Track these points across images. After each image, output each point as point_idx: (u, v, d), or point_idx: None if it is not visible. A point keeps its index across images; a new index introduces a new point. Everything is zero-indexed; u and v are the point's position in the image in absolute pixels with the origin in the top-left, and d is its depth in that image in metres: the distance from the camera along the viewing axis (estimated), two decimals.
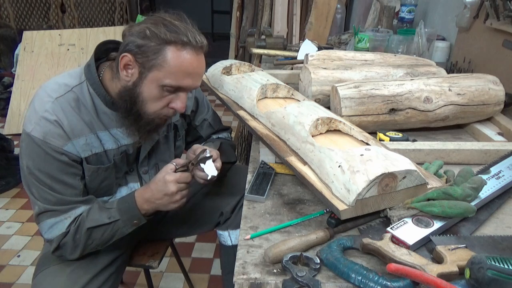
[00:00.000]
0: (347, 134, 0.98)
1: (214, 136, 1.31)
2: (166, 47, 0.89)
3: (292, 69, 1.74)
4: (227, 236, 1.28)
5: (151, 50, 0.88)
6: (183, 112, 1.18)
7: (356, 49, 1.84)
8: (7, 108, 3.33)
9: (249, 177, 0.96)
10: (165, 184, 0.93)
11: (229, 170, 1.28)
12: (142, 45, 0.89)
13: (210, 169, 1.00)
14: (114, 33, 3.43)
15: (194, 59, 0.92)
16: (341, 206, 0.72)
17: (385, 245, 0.67)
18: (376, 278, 0.62)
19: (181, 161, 0.98)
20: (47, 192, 0.93)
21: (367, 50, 1.81)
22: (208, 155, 1.00)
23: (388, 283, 0.61)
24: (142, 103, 0.94)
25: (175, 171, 0.95)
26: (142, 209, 0.97)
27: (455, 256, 0.65)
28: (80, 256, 1.01)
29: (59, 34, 3.48)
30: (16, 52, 3.58)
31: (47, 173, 0.92)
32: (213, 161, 1.02)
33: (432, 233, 0.72)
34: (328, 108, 1.12)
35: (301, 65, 1.64)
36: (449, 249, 0.67)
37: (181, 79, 0.92)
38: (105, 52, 1.02)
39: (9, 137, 2.74)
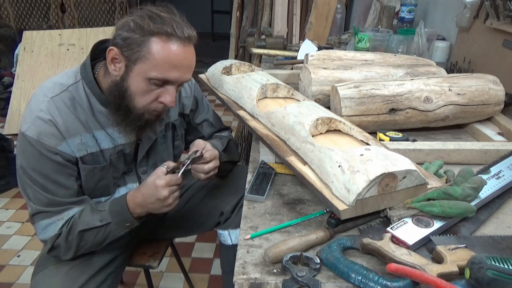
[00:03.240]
0: (347, 134, 0.97)
1: (217, 134, 1.31)
2: (150, 39, 0.87)
3: (292, 69, 1.74)
4: (227, 236, 1.28)
5: (135, 42, 0.87)
6: (182, 111, 1.19)
7: (356, 49, 1.84)
8: (7, 108, 3.33)
9: (249, 177, 0.96)
10: (156, 189, 0.92)
11: (231, 170, 1.28)
12: (127, 37, 0.88)
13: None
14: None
15: (180, 50, 0.89)
16: (341, 206, 0.72)
17: (385, 245, 0.67)
18: (376, 278, 0.62)
19: (171, 163, 0.97)
20: (40, 193, 0.93)
21: (367, 50, 1.81)
22: (198, 155, 0.99)
23: (388, 283, 0.61)
24: (130, 97, 0.92)
25: (166, 173, 0.94)
26: (134, 213, 0.96)
27: (455, 256, 0.65)
28: (74, 257, 1.00)
29: (59, 34, 3.48)
30: (16, 52, 3.58)
31: (41, 173, 0.92)
32: (209, 161, 1.02)
33: (432, 233, 0.72)
34: (328, 108, 1.12)
35: (301, 65, 1.64)
36: (449, 249, 0.66)
37: (167, 71, 0.90)
38: (101, 52, 1.02)
39: (9, 137, 2.74)
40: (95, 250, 1.03)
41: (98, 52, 1.01)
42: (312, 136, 0.90)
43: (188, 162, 0.98)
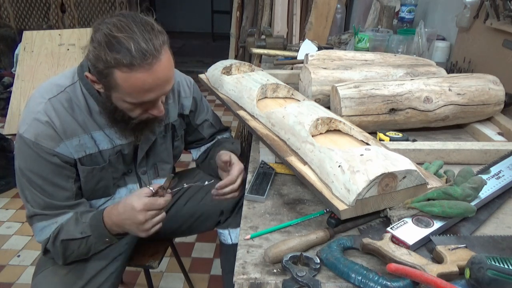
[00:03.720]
0: (347, 134, 0.97)
1: (219, 137, 1.31)
2: (112, 71, 0.82)
3: (292, 69, 1.74)
4: (227, 235, 1.28)
5: (101, 74, 0.84)
6: (182, 112, 1.19)
7: (356, 49, 1.84)
8: (7, 108, 3.33)
9: (249, 177, 0.96)
10: (132, 211, 0.88)
11: None
12: (94, 66, 0.85)
13: None
14: None
15: (146, 76, 0.83)
16: (341, 206, 0.72)
17: (385, 245, 0.67)
18: (376, 278, 0.62)
19: (157, 186, 0.91)
20: (38, 195, 0.93)
21: (367, 50, 1.81)
22: (209, 183, 0.99)
23: (388, 283, 0.61)
24: (122, 111, 0.92)
25: (152, 195, 0.89)
26: (112, 230, 0.94)
27: (455, 256, 0.65)
28: (65, 263, 0.99)
29: (59, 34, 3.48)
30: (16, 52, 3.58)
31: (39, 175, 0.92)
32: (236, 179, 1.04)
33: (432, 233, 0.72)
34: (328, 108, 1.12)
35: (301, 65, 1.64)
36: (449, 249, 0.67)
37: (141, 96, 0.87)
38: None
39: (9, 137, 2.74)
40: (85, 258, 1.02)
41: (87, 62, 1.01)
42: (312, 136, 0.90)
43: (188, 186, 0.97)
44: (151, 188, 0.91)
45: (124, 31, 0.81)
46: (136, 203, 0.88)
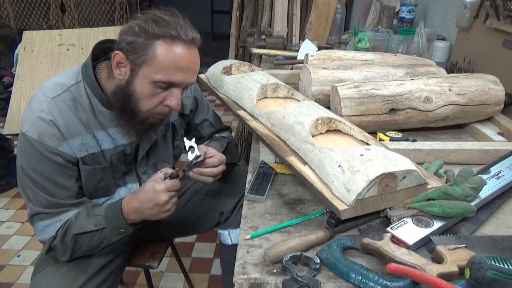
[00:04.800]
0: (347, 134, 0.97)
1: (217, 135, 1.31)
2: (155, 42, 0.87)
3: (292, 69, 1.74)
4: (227, 235, 1.28)
5: (140, 46, 0.88)
6: (182, 112, 1.19)
7: (356, 49, 1.84)
8: (7, 108, 3.33)
9: (249, 177, 0.96)
10: (155, 193, 0.91)
11: (231, 171, 1.28)
12: (132, 41, 0.88)
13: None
14: (114, 33, 3.39)
15: (184, 53, 0.89)
16: (341, 206, 0.72)
17: (385, 245, 0.67)
18: (376, 278, 0.62)
19: (169, 170, 0.96)
20: (40, 194, 0.93)
21: (367, 50, 1.81)
22: (200, 160, 0.99)
23: (388, 283, 0.61)
24: (136, 101, 0.93)
25: (164, 179, 0.94)
26: (129, 219, 0.96)
27: (455, 256, 0.65)
28: (71, 259, 1.00)
29: (59, 34, 3.48)
30: (16, 52, 3.58)
31: (41, 173, 0.92)
32: (218, 165, 1.02)
33: (432, 233, 0.72)
34: (328, 108, 1.12)
35: (301, 65, 1.64)
36: (449, 249, 0.67)
37: (172, 74, 0.90)
38: (103, 52, 1.02)
39: (9, 137, 2.74)
40: (91, 253, 1.03)
41: (99, 52, 1.01)
42: (312, 136, 0.90)
43: (188, 168, 0.97)
44: (163, 173, 0.95)
45: (172, 16, 0.91)
46: (158, 186, 0.91)
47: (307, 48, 1.78)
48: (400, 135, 1.07)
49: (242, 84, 1.18)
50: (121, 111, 0.95)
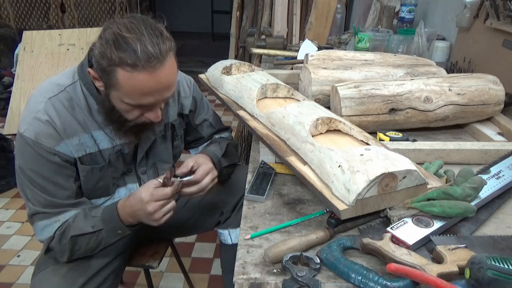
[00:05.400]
0: (347, 134, 0.97)
1: (216, 136, 1.31)
2: (115, 69, 0.82)
3: (292, 69, 1.74)
4: (227, 235, 1.28)
5: (104, 71, 0.84)
6: (181, 112, 1.19)
7: (356, 49, 1.84)
8: (7, 108, 3.33)
9: (249, 177, 0.96)
10: (141, 203, 0.91)
11: (232, 172, 1.28)
12: (98, 62, 0.85)
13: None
14: None
15: (148, 78, 0.83)
16: (341, 206, 0.72)
17: (385, 245, 0.67)
18: (376, 278, 0.62)
19: (169, 173, 0.94)
20: (39, 194, 0.93)
21: (367, 50, 1.81)
22: (186, 180, 0.99)
23: (388, 283, 0.61)
24: (119, 112, 0.92)
25: (161, 186, 0.92)
26: (126, 221, 0.96)
27: (455, 256, 0.65)
28: (69, 260, 1.00)
29: (59, 34, 3.48)
30: (16, 52, 3.58)
31: (39, 173, 0.92)
32: (203, 179, 1.01)
33: (432, 233, 0.72)
34: (328, 108, 1.12)
35: (301, 65, 1.64)
36: (449, 249, 0.67)
37: (140, 99, 0.86)
38: None
39: (9, 137, 2.74)
40: (91, 254, 1.03)
41: (91, 58, 1.01)
42: (312, 136, 0.90)
43: (179, 182, 0.96)
44: (159, 179, 0.93)
45: (133, 32, 0.82)
46: (143, 195, 0.91)
47: (307, 48, 1.78)
48: (400, 135, 1.07)
49: (242, 84, 1.18)
50: (110, 121, 0.95)
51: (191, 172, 1.01)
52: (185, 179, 0.99)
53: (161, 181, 0.93)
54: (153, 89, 0.86)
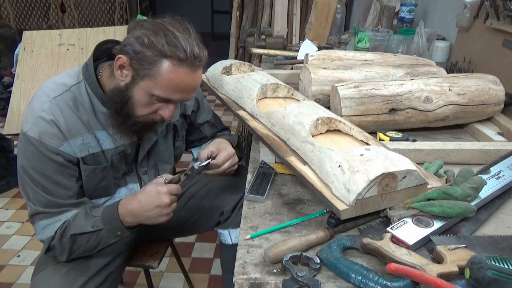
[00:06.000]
0: (347, 134, 0.98)
1: (219, 134, 1.31)
2: (162, 60, 0.86)
3: (292, 69, 1.74)
4: (227, 235, 1.28)
5: (146, 60, 0.87)
6: (184, 112, 1.19)
7: (356, 49, 1.84)
8: (7, 108, 3.33)
9: (249, 177, 0.96)
10: (157, 195, 0.92)
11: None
12: (139, 51, 0.87)
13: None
14: (114, 33, 3.43)
15: (188, 76, 0.89)
16: (341, 206, 0.72)
17: (385, 245, 0.67)
18: (376, 278, 0.62)
19: (169, 176, 0.97)
20: (40, 194, 0.93)
21: (367, 50, 1.81)
22: (203, 164, 1.02)
23: (388, 283, 0.61)
24: (132, 106, 0.93)
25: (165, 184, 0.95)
26: (125, 222, 0.96)
27: (455, 256, 0.65)
28: (68, 259, 1.00)
29: (59, 34, 3.48)
30: (16, 52, 3.58)
31: (41, 173, 0.92)
32: (221, 165, 1.05)
33: (432, 233, 0.72)
34: (328, 108, 1.12)
35: (301, 65, 1.64)
36: (449, 249, 0.67)
37: (172, 93, 0.90)
38: (104, 52, 1.02)
39: (9, 137, 2.74)
40: (90, 254, 1.03)
41: (101, 52, 1.01)
42: (312, 136, 0.90)
43: (190, 172, 1.00)
44: (163, 177, 0.95)
45: (183, 32, 0.89)
46: (160, 188, 0.93)
47: (307, 48, 1.78)
48: (400, 135, 1.07)
49: (242, 84, 1.18)
50: (116, 112, 0.95)
51: (212, 158, 1.05)
52: (204, 163, 1.02)
53: (165, 179, 0.95)
54: (187, 87, 0.92)
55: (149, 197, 0.93)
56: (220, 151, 1.06)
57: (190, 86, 0.92)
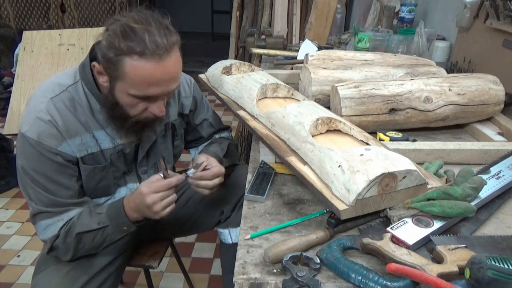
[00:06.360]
0: (347, 134, 0.97)
1: (216, 136, 1.31)
2: (122, 59, 0.83)
3: (292, 69, 1.74)
4: (227, 234, 1.28)
5: (111, 62, 0.85)
6: (182, 112, 1.19)
7: (356, 49, 1.84)
8: (7, 108, 3.33)
9: (249, 177, 0.96)
10: (141, 195, 0.92)
11: (232, 171, 1.28)
12: (104, 55, 0.85)
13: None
14: None
15: (155, 67, 0.84)
16: (341, 206, 0.72)
17: (385, 245, 0.67)
18: (376, 278, 0.62)
19: (172, 173, 0.97)
20: (41, 193, 0.93)
21: (367, 50, 1.81)
22: (202, 168, 1.01)
23: (388, 283, 0.61)
24: (122, 108, 0.92)
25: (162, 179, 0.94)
26: (131, 217, 0.96)
27: (455, 256, 0.65)
28: (73, 259, 1.00)
29: (59, 34, 3.48)
30: (16, 52, 3.59)
31: (41, 173, 0.92)
32: (211, 179, 1.03)
33: (432, 233, 0.72)
34: (328, 108, 1.12)
35: (301, 65, 1.64)
36: (449, 249, 0.67)
37: (145, 89, 0.87)
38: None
39: (9, 137, 2.74)
40: (94, 252, 1.03)
41: (97, 52, 1.01)
42: (312, 136, 0.90)
43: (187, 174, 0.99)
44: (161, 174, 0.94)
45: (141, 23, 0.83)
46: (143, 188, 0.92)
47: (307, 48, 1.78)
48: (400, 135, 1.07)
49: (242, 84, 1.18)
50: (112, 116, 0.95)
51: (203, 169, 1.03)
52: (191, 172, 1.01)
53: (162, 175, 0.94)
54: (160, 79, 0.86)
55: (137, 196, 0.93)
56: (212, 166, 1.04)
57: (162, 77, 0.86)
